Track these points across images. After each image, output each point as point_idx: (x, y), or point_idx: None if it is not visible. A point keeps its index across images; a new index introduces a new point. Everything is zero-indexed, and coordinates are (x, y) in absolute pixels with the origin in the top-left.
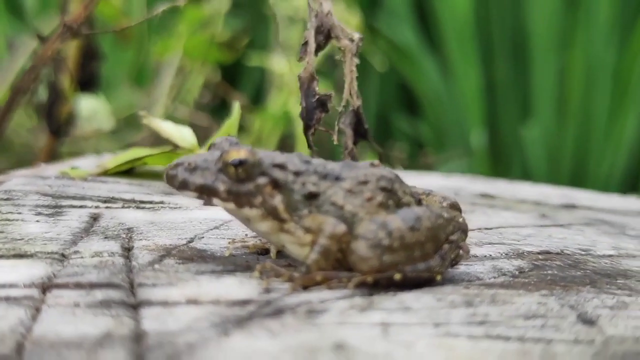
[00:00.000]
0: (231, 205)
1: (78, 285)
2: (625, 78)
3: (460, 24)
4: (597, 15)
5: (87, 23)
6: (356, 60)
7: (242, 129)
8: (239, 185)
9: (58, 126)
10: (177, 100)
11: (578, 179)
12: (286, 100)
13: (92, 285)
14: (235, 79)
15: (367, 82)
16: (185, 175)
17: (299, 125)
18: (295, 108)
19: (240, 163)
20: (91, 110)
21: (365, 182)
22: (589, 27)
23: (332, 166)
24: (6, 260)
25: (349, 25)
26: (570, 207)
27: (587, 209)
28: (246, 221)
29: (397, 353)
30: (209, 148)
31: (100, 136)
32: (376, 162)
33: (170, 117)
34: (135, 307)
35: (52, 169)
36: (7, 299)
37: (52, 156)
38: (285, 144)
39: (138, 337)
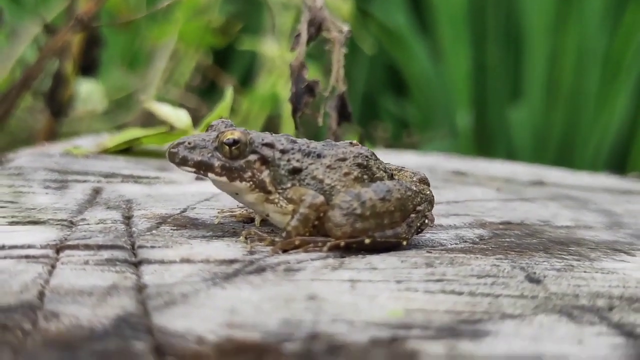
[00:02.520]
0: (224, 179)
1: (87, 247)
2: (615, 62)
3: (453, 7)
4: None
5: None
6: (344, 50)
7: (230, 109)
8: (231, 161)
9: (59, 108)
10: (170, 83)
11: (564, 160)
12: (275, 83)
13: (99, 247)
14: (226, 62)
15: (356, 63)
16: (185, 152)
17: (285, 107)
18: (283, 90)
19: (234, 142)
20: (87, 92)
21: (343, 159)
22: (582, 11)
23: (315, 145)
24: (23, 226)
25: (340, 11)
26: (539, 183)
27: (554, 185)
28: (235, 194)
29: (362, 303)
30: (207, 129)
31: (93, 117)
32: (355, 141)
33: (161, 99)
34: (136, 265)
35: (55, 148)
36: (27, 257)
37: (51, 136)
38: (271, 125)
39: (140, 288)
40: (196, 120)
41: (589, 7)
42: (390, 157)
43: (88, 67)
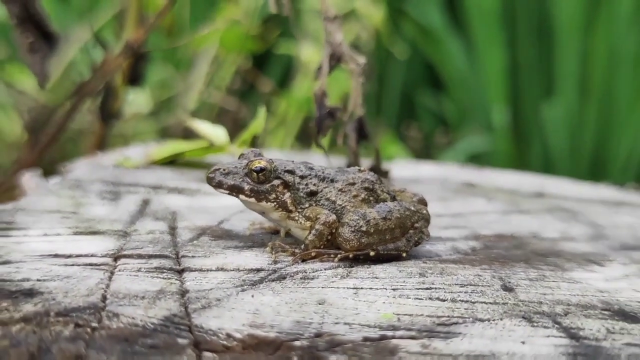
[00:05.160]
0: (252, 200)
1: (139, 256)
2: None
3: (486, 6)
4: None
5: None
6: (361, 80)
7: (268, 112)
8: (259, 185)
9: (110, 117)
10: (211, 86)
11: (599, 158)
12: (310, 87)
13: (149, 256)
14: (264, 65)
15: (393, 60)
16: (221, 177)
17: None
18: None
19: (261, 170)
20: (133, 96)
21: (353, 184)
22: (612, 10)
23: (329, 171)
24: (85, 236)
25: (372, 19)
26: (539, 195)
27: (553, 197)
28: (262, 212)
29: (361, 307)
30: (239, 157)
31: (139, 118)
32: (363, 168)
33: (203, 101)
34: (180, 272)
35: (107, 159)
36: (90, 265)
37: (102, 138)
38: (307, 127)
39: (183, 293)
40: (236, 122)
41: (619, 8)
42: (408, 169)
43: (135, 79)
